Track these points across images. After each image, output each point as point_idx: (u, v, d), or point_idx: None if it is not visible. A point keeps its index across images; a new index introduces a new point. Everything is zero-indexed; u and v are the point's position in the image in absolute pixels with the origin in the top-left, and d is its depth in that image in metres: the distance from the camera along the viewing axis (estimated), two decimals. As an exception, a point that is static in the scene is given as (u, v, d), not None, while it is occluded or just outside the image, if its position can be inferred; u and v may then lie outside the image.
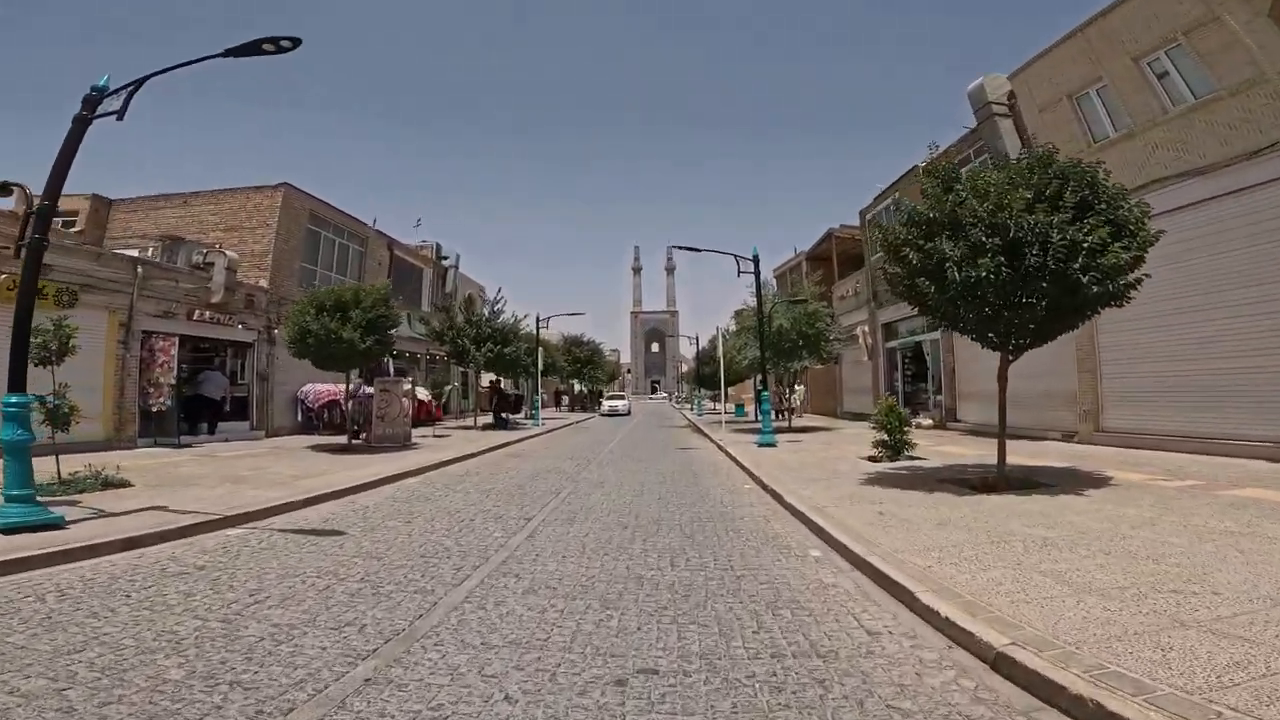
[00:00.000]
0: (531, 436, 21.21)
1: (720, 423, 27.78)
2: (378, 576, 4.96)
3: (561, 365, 40.03)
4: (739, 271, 16.19)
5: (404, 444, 16.17)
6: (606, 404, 42.43)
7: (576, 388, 53.74)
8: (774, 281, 34.98)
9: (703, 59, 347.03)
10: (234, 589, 4.61)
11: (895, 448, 12.01)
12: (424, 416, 25.08)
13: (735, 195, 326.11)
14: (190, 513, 6.90)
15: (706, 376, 39.49)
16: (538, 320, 27.57)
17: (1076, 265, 6.61)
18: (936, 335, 19.90)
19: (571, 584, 4.79)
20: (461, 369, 25.54)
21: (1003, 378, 8.42)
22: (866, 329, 24.55)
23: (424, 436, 19.53)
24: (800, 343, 19.62)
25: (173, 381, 15.47)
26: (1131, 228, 7.03)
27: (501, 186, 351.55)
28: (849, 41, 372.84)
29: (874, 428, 12.43)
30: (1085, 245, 6.61)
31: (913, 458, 12.01)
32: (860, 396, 25.63)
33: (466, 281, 36.94)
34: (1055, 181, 7.12)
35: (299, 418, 19.98)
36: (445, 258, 35.50)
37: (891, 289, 8.95)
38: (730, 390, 48.36)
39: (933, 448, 13.44)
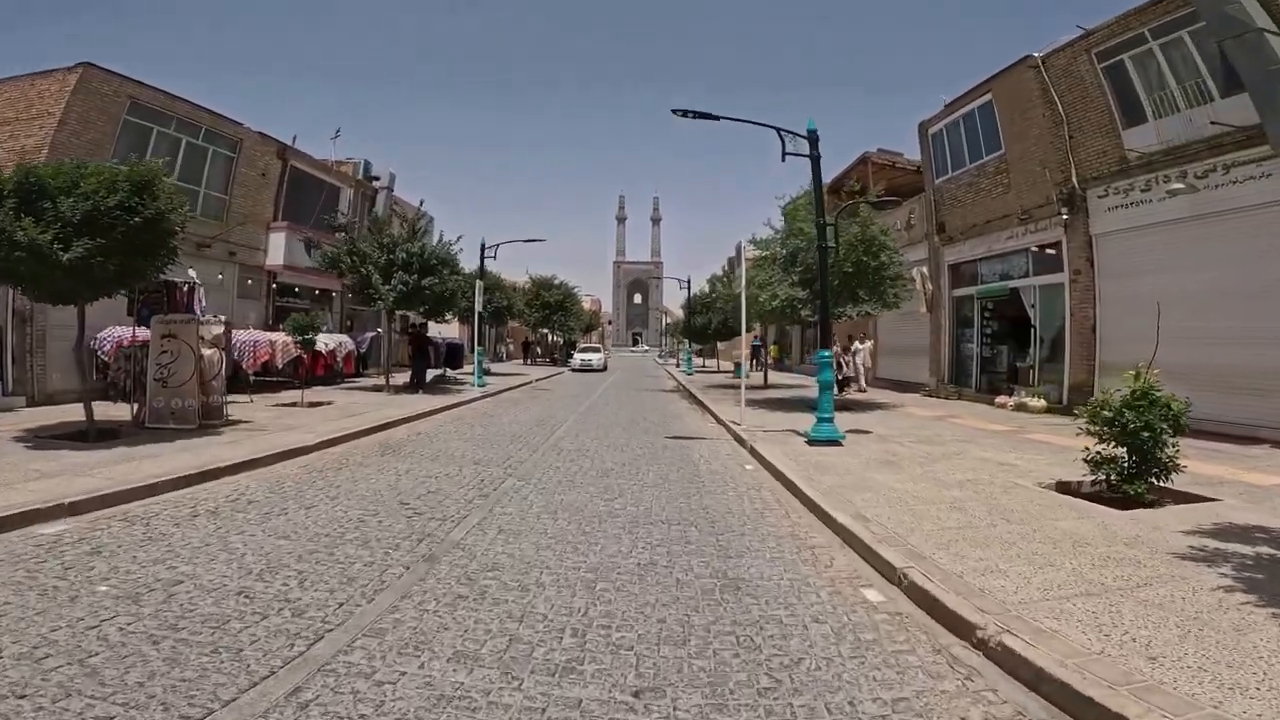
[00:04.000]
0: (454, 406, 14.67)
1: (720, 386, 21.50)
2: None
3: (521, 309, 33.11)
4: (784, 154, 9.60)
5: (201, 425, 9.51)
6: (579, 357, 35.79)
7: (550, 338, 46.99)
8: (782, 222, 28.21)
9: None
10: None
11: (1143, 472, 5.76)
12: (323, 372, 18.45)
13: (733, 142, 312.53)
14: None
15: (698, 329, 33.04)
16: (482, 249, 20.65)
17: None
18: (1058, 277, 13.51)
19: None
20: (367, 308, 18.65)
21: None
22: (925, 271, 18.10)
23: (279, 407, 12.96)
24: (857, 279, 13.15)
25: None
26: None
27: (476, 134, 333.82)
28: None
29: (1091, 427, 6.13)
30: None
31: (1189, 496, 5.81)
32: (908, 360, 19.37)
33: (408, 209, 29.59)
34: None
35: (93, 377, 13.12)
36: (375, 177, 28.02)
37: None
38: (720, 345, 42.02)
39: (1204, 470, 7.11)
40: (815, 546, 5.05)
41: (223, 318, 10.62)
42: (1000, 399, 14.28)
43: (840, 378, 15.39)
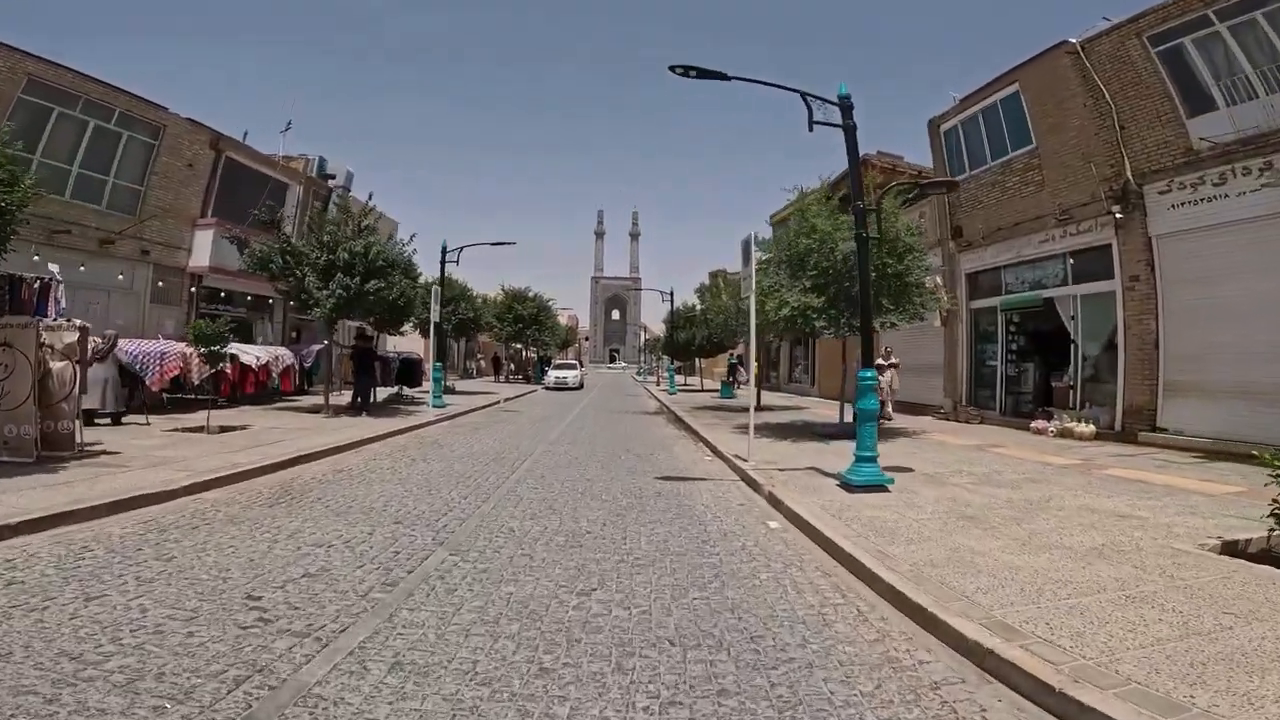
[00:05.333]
0: (399, 433, 12.30)
1: (708, 408, 19.38)
2: None
3: (489, 321, 30.59)
4: (810, 124, 7.62)
5: (40, 458, 7.08)
6: (552, 374, 33.37)
7: (525, 353, 44.49)
8: (769, 232, 26.28)
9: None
10: None
11: None
12: (254, 390, 15.93)
13: (722, 150, 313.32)
14: None
15: (681, 344, 30.98)
16: (443, 252, 18.32)
17: None
18: (1107, 285, 11.70)
19: None
20: (309, 317, 16.10)
21: None
22: (939, 279, 16.25)
23: (177, 432, 10.56)
24: (879, 285, 11.18)
25: None
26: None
27: (454, 140, 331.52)
28: None
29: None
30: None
31: None
32: (917, 379, 17.44)
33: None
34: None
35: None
36: (330, 176, 25.62)
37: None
38: (701, 362, 39.87)
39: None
40: (941, 684, 2.90)
41: (78, 322, 8.16)
42: (1037, 424, 12.36)
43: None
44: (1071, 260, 12.76)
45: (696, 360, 38.16)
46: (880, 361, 16.01)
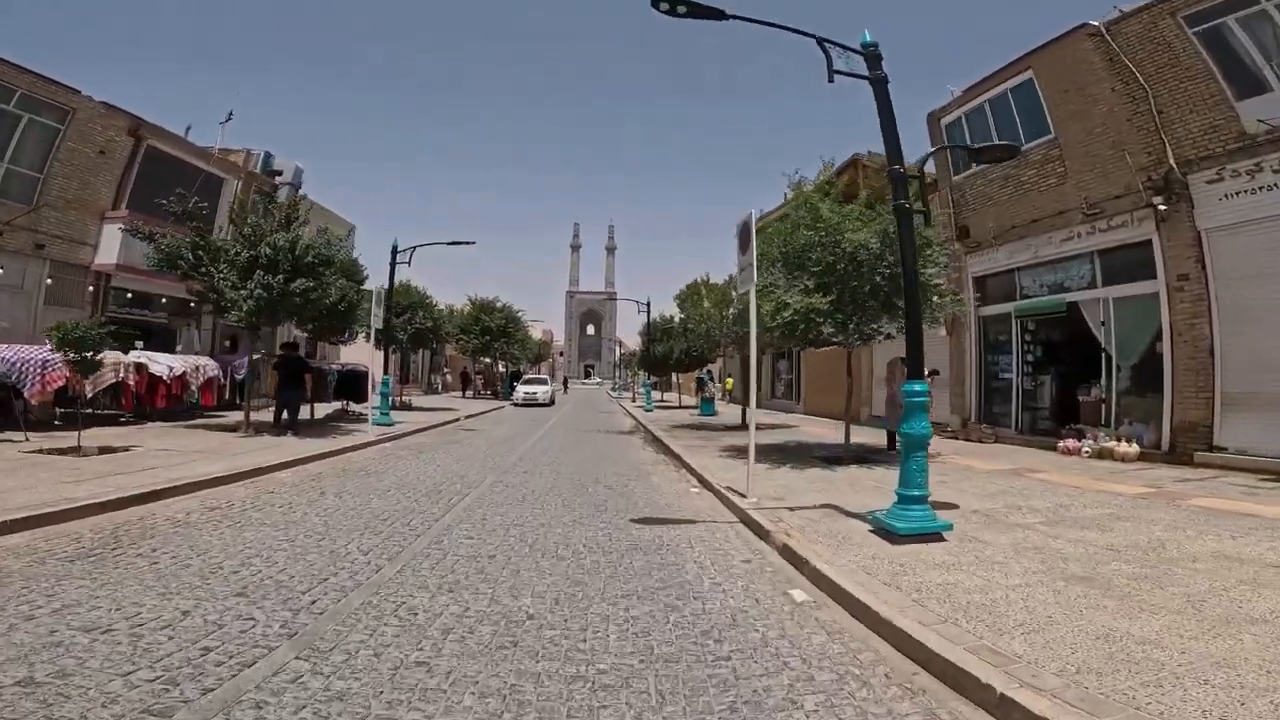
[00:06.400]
0: (320, 458, 10.29)
1: (688, 426, 17.60)
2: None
3: (450, 331, 28.38)
4: (830, 74, 6.04)
5: None
6: (521, 390, 31.25)
7: (494, 368, 42.25)
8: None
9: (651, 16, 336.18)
10: None
11: None
12: (165, 404, 13.73)
13: (696, 162, 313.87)
14: None
15: (658, 358, 29.25)
16: (394, 252, 16.32)
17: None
18: (1147, 286, 10.27)
19: None
20: (224, 320, 13.88)
21: None
22: (941, 284, 14.77)
23: (35, 454, 8.45)
24: (892, 286, 9.63)
25: None
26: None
27: (427, 150, 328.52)
28: None
29: None
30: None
31: None
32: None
33: (322, 215, 24.99)
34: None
35: None
36: (277, 172, 23.47)
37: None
38: (678, 377, 38.04)
39: None
40: None
41: None
42: (1066, 443, 10.84)
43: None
44: (1100, 259, 11.36)
45: (674, 375, 36.52)
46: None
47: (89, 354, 8.92)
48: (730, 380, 30.82)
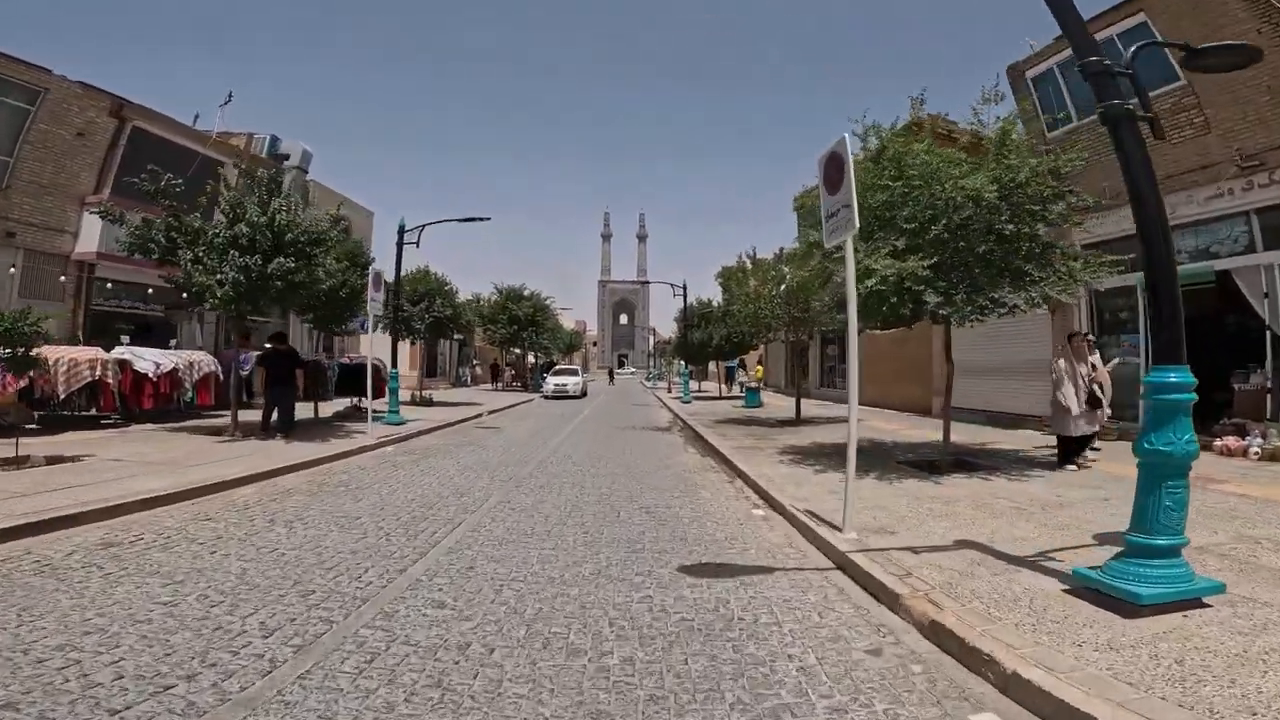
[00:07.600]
0: (303, 466, 8.67)
1: (734, 421, 15.48)
2: None
3: (469, 320, 26.75)
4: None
5: None
6: (551, 382, 29.69)
7: (524, 359, 40.78)
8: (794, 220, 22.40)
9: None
10: None
11: None
12: (151, 405, 12.41)
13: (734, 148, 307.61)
14: None
15: (696, 345, 27.28)
16: (401, 232, 14.65)
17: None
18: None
19: None
20: (202, 308, 12.32)
21: None
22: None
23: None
24: (1015, 245, 7.55)
25: None
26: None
27: (455, 141, 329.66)
28: None
29: None
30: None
31: None
32: (994, 382, 13.75)
33: (332, 200, 23.52)
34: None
35: None
36: (284, 156, 22.07)
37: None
38: (712, 365, 35.70)
39: None
40: None
41: None
42: (1226, 442, 8.58)
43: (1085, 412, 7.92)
44: (1259, 219, 9.06)
45: (711, 364, 34.41)
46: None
47: (19, 349, 7.40)
48: (760, 369, 28.54)
